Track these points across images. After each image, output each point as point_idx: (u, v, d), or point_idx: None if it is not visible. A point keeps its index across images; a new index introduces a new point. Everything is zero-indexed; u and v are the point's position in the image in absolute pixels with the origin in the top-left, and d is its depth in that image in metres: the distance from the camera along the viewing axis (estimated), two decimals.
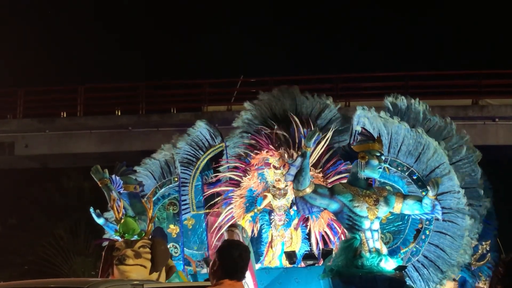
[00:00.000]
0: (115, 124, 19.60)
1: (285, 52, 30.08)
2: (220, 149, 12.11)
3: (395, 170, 10.77)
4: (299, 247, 11.31)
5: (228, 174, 11.91)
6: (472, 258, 12.15)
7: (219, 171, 12.03)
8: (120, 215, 8.23)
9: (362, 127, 10.43)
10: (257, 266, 10.80)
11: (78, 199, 22.78)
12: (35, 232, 22.33)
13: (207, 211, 11.90)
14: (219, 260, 4.32)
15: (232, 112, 15.67)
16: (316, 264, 10.77)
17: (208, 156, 12.09)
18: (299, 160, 9.71)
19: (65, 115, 20.20)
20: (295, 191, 9.88)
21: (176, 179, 11.83)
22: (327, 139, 11.41)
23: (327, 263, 10.08)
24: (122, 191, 10.74)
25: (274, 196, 11.43)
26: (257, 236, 11.54)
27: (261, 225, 11.56)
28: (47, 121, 19.76)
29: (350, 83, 20.31)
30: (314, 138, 9.69)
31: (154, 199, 10.78)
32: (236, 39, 29.45)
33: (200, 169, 12.00)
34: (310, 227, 11.43)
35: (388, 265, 9.63)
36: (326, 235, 11.42)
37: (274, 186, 11.46)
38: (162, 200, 11.89)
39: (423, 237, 10.65)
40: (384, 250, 9.89)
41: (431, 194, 9.75)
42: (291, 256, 10.88)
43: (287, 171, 10.21)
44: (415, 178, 10.66)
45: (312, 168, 10.04)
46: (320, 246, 11.28)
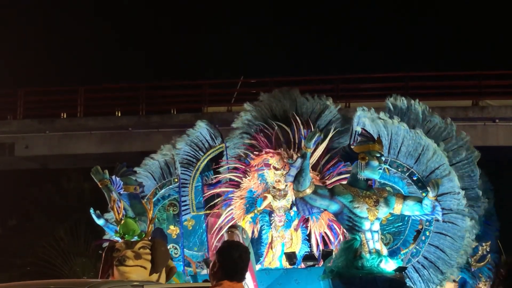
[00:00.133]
0: (115, 125, 19.61)
1: (285, 52, 30.11)
2: (220, 150, 12.09)
3: (395, 171, 10.76)
4: (299, 248, 11.30)
5: (228, 175, 11.89)
6: (472, 259, 12.15)
7: (219, 172, 12.02)
8: (120, 216, 8.21)
9: (362, 128, 10.42)
10: (257, 267, 10.79)
11: (78, 200, 22.76)
12: (35, 233, 22.31)
13: (207, 212, 11.88)
14: (219, 261, 4.32)
15: (232, 113, 15.65)
16: (316, 265, 10.76)
17: (208, 157, 12.08)
18: (299, 161, 9.70)
19: (65, 116, 20.22)
20: (295, 192, 9.87)
21: (176, 180, 11.81)
22: (328, 140, 11.40)
23: (327, 264, 10.07)
24: (122, 192, 10.72)
25: (274, 197, 11.42)
26: (257, 237, 11.51)
27: (261, 226, 11.54)
28: (47, 121, 19.77)
29: (350, 84, 20.33)
30: (314, 139, 9.69)
31: (154, 200, 10.75)
32: (236, 39, 29.48)
33: (200, 170, 11.98)
34: (310, 228, 11.41)
35: (388, 266, 9.62)
36: (326, 236, 11.40)
37: (274, 187, 11.45)
38: (162, 201, 11.87)
39: (423, 238, 10.63)
40: (384, 251, 9.88)
41: (431, 195, 9.74)
42: (291, 257, 10.87)
43: (287, 172, 10.21)
44: (415, 179, 10.64)
45: (310, 170, 10.02)
46: (320, 247, 11.26)
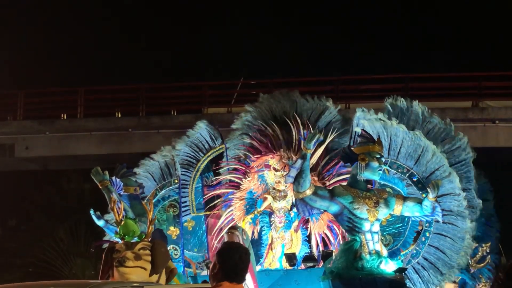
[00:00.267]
0: (115, 126, 19.60)
1: (285, 53, 30.08)
2: (221, 151, 12.09)
3: (395, 172, 10.75)
4: (299, 249, 11.29)
5: (228, 176, 11.88)
6: (472, 260, 12.15)
7: (219, 173, 12.02)
8: (120, 217, 8.21)
9: (362, 129, 10.42)
10: (257, 268, 10.79)
11: (78, 201, 22.76)
12: (35, 234, 22.32)
13: (207, 213, 11.87)
14: (219, 263, 4.32)
15: (232, 114, 15.64)
16: (316, 266, 10.76)
17: (208, 158, 12.07)
18: (299, 162, 9.69)
19: (65, 117, 20.20)
20: (295, 193, 9.87)
21: (176, 181, 11.81)
22: (328, 141, 11.40)
23: (327, 265, 10.06)
24: (122, 193, 10.71)
25: (274, 198, 11.41)
26: (257, 238, 11.50)
27: (261, 227, 11.54)
28: (47, 122, 19.75)
29: (350, 85, 20.33)
30: (314, 140, 9.69)
31: (154, 201, 10.75)
32: (236, 39, 29.48)
33: (200, 171, 11.98)
34: (310, 229, 11.41)
35: (388, 267, 9.62)
36: (326, 237, 11.40)
37: (274, 188, 11.44)
38: (162, 202, 11.86)
39: (423, 239, 10.61)
40: (384, 252, 9.87)
41: (431, 196, 9.74)
42: (291, 258, 10.87)
43: (287, 173, 10.20)
44: (415, 180, 10.63)
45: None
46: (320, 248, 11.25)
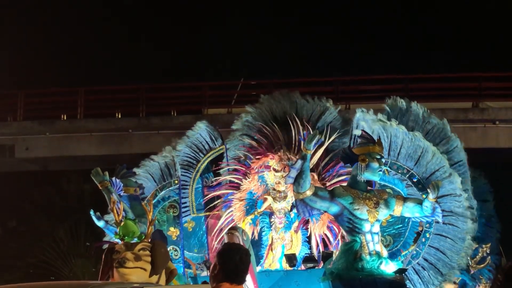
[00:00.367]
0: (115, 126, 19.61)
1: (285, 53, 30.08)
2: (221, 151, 12.09)
3: (395, 173, 10.74)
4: (299, 249, 11.29)
5: (228, 177, 11.88)
6: (472, 261, 12.14)
7: (219, 174, 12.02)
8: (120, 217, 8.20)
9: (362, 130, 10.41)
10: (257, 269, 10.78)
11: (78, 201, 22.75)
12: (35, 235, 22.31)
13: (207, 213, 11.88)
14: (220, 264, 4.31)
15: (233, 115, 15.63)
16: (316, 267, 10.75)
17: (209, 159, 12.07)
18: (300, 162, 9.68)
19: (65, 118, 20.19)
20: (296, 193, 9.85)
21: (176, 181, 11.80)
22: (328, 142, 11.40)
23: (327, 266, 10.07)
24: (122, 194, 10.70)
25: (274, 198, 11.41)
26: (257, 239, 11.50)
27: (261, 227, 11.54)
28: (47, 123, 19.74)
29: (350, 86, 20.33)
30: (314, 141, 9.68)
31: (154, 201, 10.75)
32: (236, 39, 29.48)
33: (200, 171, 11.98)
34: (310, 230, 11.41)
35: (388, 268, 9.61)
36: (326, 238, 11.40)
37: (274, 189, 11.45)
38: (162, 202, 11.86)
39: (423, 240, 10.61)
40: (384, 253, 9.87)
41: (432, 196, 9.72)
42: (291, 259, 10.87)
43: (287, 174, 10.20)
44: (415, 181, 10.62)
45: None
46: (321, 249, 11.25)
